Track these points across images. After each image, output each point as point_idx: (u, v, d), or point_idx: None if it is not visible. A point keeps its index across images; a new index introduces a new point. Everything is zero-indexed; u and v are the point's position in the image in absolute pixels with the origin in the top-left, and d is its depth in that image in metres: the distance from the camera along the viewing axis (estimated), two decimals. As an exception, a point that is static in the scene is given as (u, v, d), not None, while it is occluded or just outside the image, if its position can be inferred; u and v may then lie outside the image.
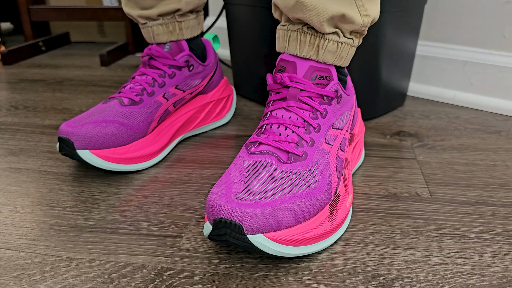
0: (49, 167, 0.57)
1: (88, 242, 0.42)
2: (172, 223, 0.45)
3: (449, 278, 0.37)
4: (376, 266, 0.38)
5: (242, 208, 0.36)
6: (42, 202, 0.49)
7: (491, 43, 0.73)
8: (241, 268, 0.39)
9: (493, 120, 0.71)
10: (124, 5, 0.60)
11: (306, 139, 0.43)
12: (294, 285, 0.36)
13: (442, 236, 0.42)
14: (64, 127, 0.52)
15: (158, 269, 0.38)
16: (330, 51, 0.44)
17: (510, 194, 0.50)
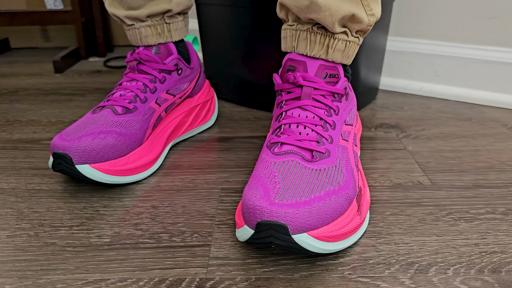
0: (37, 184, 0.53)
1: (111, 260, 0.40)
2: (194, 232, 0.44)
3: (476, 258, 0.39)
4: (407, 255, 0.40)
5: (285, 208, 0.35)
6: (43, 223, 0.45)
7: (454, 36, 0.78)
8: (281, 270, 0.38)
9: (461, 108, 0.76)
10: (108, 5, 0.57)
11: (325, 137, 0.43)
12: (338, 281, 0.37)
13: (456, 220, 0.45)
14: (59, 142, 0.48)
15: (197, 280, 0.37)
16: (339, 50, 0.45)
17: (500, 175, 0.54)
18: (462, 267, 0.38)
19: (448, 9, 0.77)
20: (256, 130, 0.68)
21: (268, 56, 0.72)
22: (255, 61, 0.74)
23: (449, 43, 0.79)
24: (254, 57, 0.73)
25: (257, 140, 0.65)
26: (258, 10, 0.69)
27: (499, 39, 0.75)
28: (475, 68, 0.77)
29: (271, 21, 0.68)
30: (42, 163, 0.58)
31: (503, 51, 0.74)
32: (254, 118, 0.73)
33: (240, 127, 0.69)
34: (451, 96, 0.80)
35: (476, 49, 0.77)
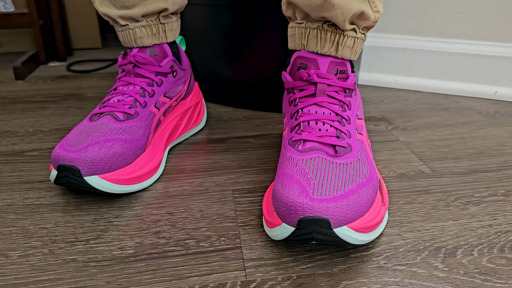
0: (35, 199, 0.49)
1: (142, 272, 0.38)
2: (220, 235, 0.43)
3: (494, 238, 0.42)
4: (432, 240, 0.42)
5: (326, 203, 0.36)
6: (55, 239, 0.42)
7: (426, 30, 0.83)
8: (318, 266, 0.39)
9: (437, 99, 0.81)
10: (98, 5, 0.54)
11: (344, 131, 0.44)
12: (376, 271, 0.38)
13: (465, 204, 0.48)
14: (64, 153, 0.45)
15: (239, 284, 0.37)
16: (348, 46, 0.46)
17: (491, 160, 0.57)
18: (484, 248, 0.41)
19: (420, 5, 0.81)
20: (250, 130, 0.68)
21: (252, 55, 0.72)
22: (238, 60, 0.73)
23: (422, 37, 0.83)
24: (238, 57, 0.73)
25: (253, 140, 0.64)
26: (239, 9, 0.69)
27: (469, 32, 0.79)
28: (447, 60, 0.81)
29: (252, 20, 0.68)
30: (33, 176, 0.54)
31: (473, 43, 0.79)
32: (244, 118, 0.73)
33: (232, 128, 0.69)
34: (426, 88, 0.84)
35: (448, 43, 0.81)
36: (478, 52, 0.79)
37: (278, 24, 0.68)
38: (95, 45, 1.25)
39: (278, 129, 0.68)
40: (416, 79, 0.85)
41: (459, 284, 0.36)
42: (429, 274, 0.37)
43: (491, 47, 0.78)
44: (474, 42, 0.79)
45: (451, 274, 0.37)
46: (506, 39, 0.77)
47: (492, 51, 0.78)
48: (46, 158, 0.59)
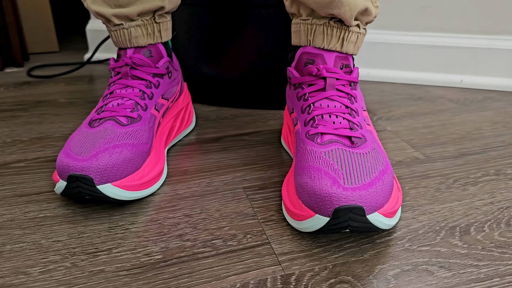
0: (37, 212, 0.47)
1: (178, 276, 0.38)
2: (245, 233, 0.43)
3: (498, 214, 0.45)
4: (445, 221, 0.44)
5: (358, 191, 0.37)
6: (74, 251, 0.41)
7: (394, 25, 0.87)
8: (349, 254, 0.40)
9: (409, 89, 0.85)
10: (90, 3, 0.52)
11: (356, 123, 0.46)
12: (405, 253, 0.40)
13: (463, 185, 0.51)
14: (74, 163, 0.43)
15: (279, 278, 0.37)
16: (352, 42, 0.48)
17: (474, 143, 0.62)
18: (493, 223, 0.44)
19: (388, 1, 0.85)
20: (240, 128, 0.68)
21: (234, 54, 0.72)
22: (221, 59, 0.73)
23: (390, 31, 0.87)
24: (220, 56, 0.73)
25: (247, 137, 0.65)
26: (219, 8, 0.69)
27: (434, 25, 0.84)
28: (416, 52, 0.86)
29: (233, 19, 0.68)
30: (27, 188, 0.51)
31: (439, 36, 0.84)
32: (231, 116, 0.73)
33: (222, 126, 0.69)
34: (397, 79, 0.88)
35: (415, 36, 0.86)
36: (444, 43, 0.84)
37: (259, 22, 0.69)
38: (52, 48, 1.19)
39: (269, 126, 0.69)
40: (387, 71, 0.89)
41: (480, 258, 0.39)
42: (452, 252, 0.40)
43: (455, 39, 0.84)
44: (439, 34, 0.84)
45: (471, 250, 0.40)
46: (469, 31, 0.83)
47: (456, 43, 0.84)
48: (36, 169, 0.56)
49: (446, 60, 0.85)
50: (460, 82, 0.85)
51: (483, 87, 0.84)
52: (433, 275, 0.37)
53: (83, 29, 1.52)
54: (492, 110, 0.74)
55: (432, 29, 0.85)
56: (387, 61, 0.88)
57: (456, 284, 0.36)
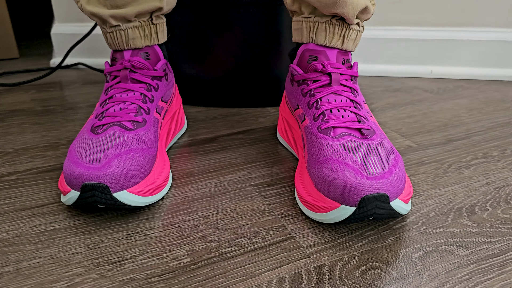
0: (46, 225, 0.45)
1: (212, 277, 0.38)
2: (267, 229, 0.44)
3: (497, 193, 0.49)
4: (451, 203, 0.47)
5: (381, 180, 0.39)
6: (97, 262, 0.39)
7: (373, 19, 0.90)
8: (372, 241, 0.42)
9: (385, 82, 0.89)
10: (85, 4, 0.50)
11: (362, 115, 0.48)
12: (424, 236, 0.42)
13: (458, 169, 0.54)
14: (88, 171, 0.42)
15: (312, 270, 0.38)
16: (352, 39, 0.50)
17: (457, 130, 0.66)
18: (493, 202, 0.47)
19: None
20: (233, 127, 0.68)
21: (218, 53, 0.72)
22: (204, 59, 0.73)
23: (368, 26, 0.90)
24: (205, 56, 0.73)
25: (242, 136, 0.65)
26: (203, 8, 0.69)
27: (405, 19, 0.88)
28: (388, 46, 0.90)
29: (213, 18, 0.68)
30: (27, 201, 0.49)
31: (409, 29, 0.89)
32: (220, 116, 0.73)
33: (214, 127, 0.69)
34: (372, 72, 0.92)
35: (387, 30, 0.89)
36: (414, 37, 0.88)
37: (242, 21, 0.69)
38: (12, 55, 1.13)
39: (260, 123, 0.69)
40: (362, 65, 0.92)
41: (491, 235, 0.42)
42: (465, 232, 0.43)
43: (425, 32, 0.88)
44: (409, 28, 0.89)
45: (481, 228, 0.43)
46: (438, 24, 0.88)
47: (426, 35, 0.88)
48: (30, 181, 0.53)
49: (417, 52, 0.89)
50: (430, 72, 0.90)
51: (452, 77, 0.89)
52: (454, 254, 0.39)
53: (42, 33, 1.45)
54: (465, 98, 0.79)
55: (403, 23, 0.89)
56: (362, 55, 0.91)
57: (476, 261, 0.39)
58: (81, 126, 0.69)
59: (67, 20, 1.00)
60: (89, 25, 0.98)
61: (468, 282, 0.36)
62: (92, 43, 0.99)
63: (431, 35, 0.88)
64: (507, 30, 0.85)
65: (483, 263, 0.38)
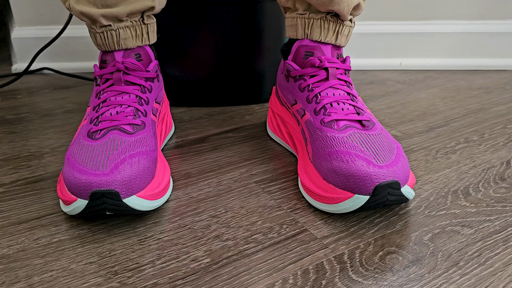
0: (49, 237, 0.43)
1: (236, 275, 0.38)
2: (279, 224, 0.44)
3: (485, 175, 0.52)
4: (446, 187, 0.50)
5: (392, 168, 0.41)
6: (115, 270, 0.38)
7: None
8: (383, 228, 0.43)
9: (358, 75, 0.91)
10: (74, 3, 0.48)
11: (360, 107, 0.49)
12: (430, 219, 0.44)
13: (445, 154, 0.57)
14: (96, 178, 0.40)
15: (333, 260, 0.39)
16: (345, 35, 0.51)
17: (436, 117, 0.69)
18: (484, 183, 0.50)
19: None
20: (220, 126, 0.68)
21: (198, 53, 0.71)
22: (185, 59, 0.72)
23: (335, 22, 0.93)
24: (183, 56, 0.72)
25: (232, 134, 0.65)
26: (176, 7, 0.68)
27: (373, 14, 0.92)
28: (359, 40, 0.92)
29: (191, 17, 0.68)
30: (21, 214, 0.46)
31: (378, 24, 0.92)
32: (205, 115, 0.72)
33: (201, 126, 0.68)
34: (346, 66, 0.94)
35: (358, 25, 0.92)
36: (383, 30, 0.92)
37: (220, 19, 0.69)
38: (-34, 61, 1.06)
39: (247, 121, 0.70)
40: (336, 60, 0.94)
41: (489, 213, 0.45)
42: (465, 212, 0.45)
43: (393, 26, 0.92)
44: (378, 22, 0.92)
45: (479, 208, 0.46)
46: (404, 18, 0.92)
47: (394, 29, 0.92)
48: (20, 192, 0.51)
49: (386, 46, 0.93)
50: (399, 64, 0.93)
51: (420, 68, 0.93)
52: (460, 234, 0.42)
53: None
54: (436, 87, 0.83)
55: (372, 18, 0.92)
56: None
57: (482, 238, 0.41)
58: (63, 133, 0.66)
59: (29, 24, 0.95)
60: (53, 28, 0.94)
61: (479, 258, 0.39)
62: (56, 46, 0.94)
63: (399, 29, 0.92)
64: (469, 22, 0.91)
65: (488, 240, 0.41)
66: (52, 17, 0.94)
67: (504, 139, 0.61)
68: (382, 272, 0.37)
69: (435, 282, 0.36)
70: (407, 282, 0.36)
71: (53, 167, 0.56)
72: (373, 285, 0.36)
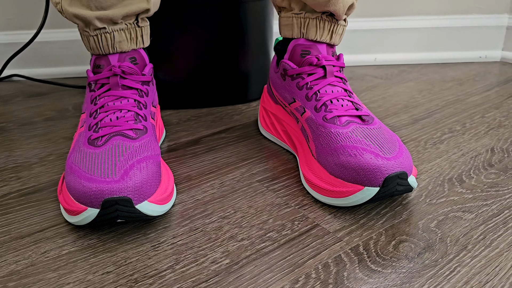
0: (58, 249, 0.42)
1: (259, 274, 0.38)
2: (291, 221, 0.45)
3: (474, 162, 0.55)
4: (441, 175, 0.52)
5: (398, 159, 0.42)
6: (134, 278, 0.38)
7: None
8: (390, 218, 0.45)
9: (337, 72, 0.93)
10: (67, 5, 0.47)
11: (357, 103, 0.51)
12: (433, 207, 0.46)
13: (434, 144, 0.60)
14: (108, 186, 0.39)
15: (350, 252, 0.40)
16: (339, 34, 0.53)
17: (418, 110, 0.72)
18: (475, 169, 0.53)
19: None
20: (211, 127, 0.68)
21: (182, 55, 0.71)
22: (168, 62, 0.72)
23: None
24: (166, 59, 0.71)
25: (224, 134, 0.65)
26: (159, 10, 0.67)
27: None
28: (336, 38, 0.94)
29: (176, 19, 0.68)
30: (22, 228, 0.45)
31: (353, 21, 0.94)
32: (193, 117, 0.72)
33: (191, 129, 0.68)
34: (323, 63, 0.96)
35: (334, 23, 0.94)
36: (358, 27, 0.94)
37: (206, 20, 0.69)
38: None
39: (237, 121, 0.70)
40: (313, 57, 0.96)
41: (485, 198, 0.48)
42: (463, 198, 0.48)
43: (367, 23, 0.95)
44: (353, 19, 0.94)
45: (474, 193, 0.48)
46: (377, 14, 0.95)
47: (368, 26, 0.94)
48: (15, 206, 0.49)
49: (362, 42, 0.95)
50: (374, 60, 0.96)
51: (394, 62, 0.97)
52: (463, 219, 0.44)
53: None
54: (412, 81, 0.87)
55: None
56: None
57: (483, 222, 0.44)
58: (48, 142, 0.64)
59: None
60: (21, 33, 0.90)
61: (485, 241, 0.41)
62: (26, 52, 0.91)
63: (373, 25, 0.95)
64: (438, 17, 0.95)
65: (489, 223, 0.44)
66: (20, 22, 0.91)
67: (484, 127, 0.65)
68: (398, 260, 0.39)
69: (449, 266, 0.38)
70: (424, 268, 0.38)
71: (45, 177, 0.54)
72: (392, 273, 0.37)
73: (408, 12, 0.95)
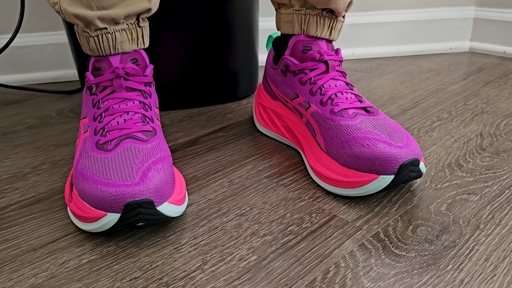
0: (77, 259, 0.40)
1: (288, 268, 0.39)
2: (308, 214, 0.46)
3: (467, 147, 0.58)
4: (440, 161, 0.55)
5: (410, 147, 0.44)
6: (164, 282, 0.37)
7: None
8: (402, 204, 0.46)
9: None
10: (67, 5, 0.45)
11: (359, 95, 0.52)
12: (438, 192, 0.48)
13: (427, 132, 0.63)
14: (129, 189, 0.38)
15: (372, 239, 0.41)
16: (337, 30, 0.54)
17: (404, 101, 0.75)
18: (470, 155, 0.56)
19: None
20: (206, 127, 0.68)
21: (170, 55, 0.70)
22: (158, 62, 0.71)
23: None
24: (157, 59, 0.70)
25: (222, 133, 0.65)
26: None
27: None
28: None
29: (163, 20, 0.67)
30: (33, 240, 0.43)
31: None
32: (185, 118, 0.71)
33: (186, 129, 0.67)
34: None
35: (312, 19, 0.96)
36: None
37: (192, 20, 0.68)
38: None
39: (231, 119, 0.70)
40: (294, 53, 0.97)
41: (485, 180, 0.50)
42: (465, 181, 0.50)
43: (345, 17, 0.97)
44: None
45: (475, 177, 0.51)
46: (353, 9, 0.97)
47: (347, 21, 0.97)
48: (19, 217, 0.46)
49: (341, 36, 0.98)
50: (352, 54, 0.99)
51: (371, 56, 0.99)
52: (469, 201, 0.46)
53: None
54: (391, 73, 0.90)
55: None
56: (291, 44, 0.96)
57: (488, 203, 0.46)
58: (37, 150, 0.61)
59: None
60: (-8, 38, 0.86)
61: (494, 220, 0.43)
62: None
63: (349, 21, 0.97)
64: (410, 11, 0.99)
65: (494, 203, 0.46)
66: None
67: (469, 114, 0.68)
68: (419, 244, 0.40)
69: (467, 245, 0.40)
70: (444, 249, 0.40)
71: (44, 187, 0.52)
72: (416, 256, 0.39)
73: (384, 6, 0.98)
